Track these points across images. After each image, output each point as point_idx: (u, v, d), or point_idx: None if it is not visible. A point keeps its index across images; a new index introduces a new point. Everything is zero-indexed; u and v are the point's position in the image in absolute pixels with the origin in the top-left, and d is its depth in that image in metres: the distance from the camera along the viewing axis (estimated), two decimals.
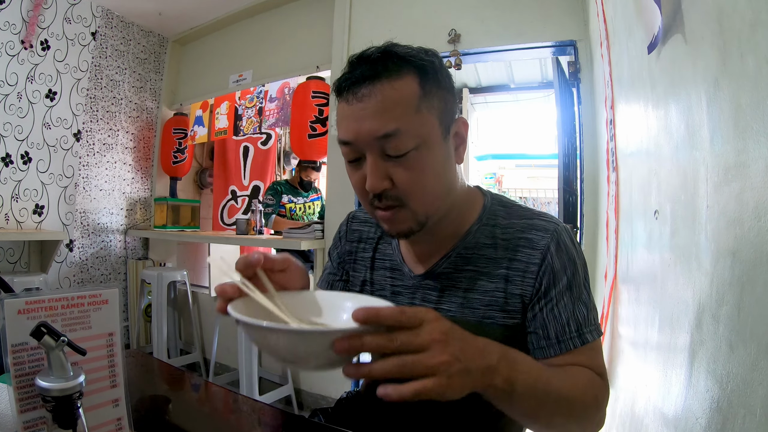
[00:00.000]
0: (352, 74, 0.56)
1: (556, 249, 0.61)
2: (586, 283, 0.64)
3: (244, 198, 3.31)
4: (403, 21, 2.22)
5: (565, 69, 1.95)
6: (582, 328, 0.60)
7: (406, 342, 0.40)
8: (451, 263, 0.66)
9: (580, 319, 0.60)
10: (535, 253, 0.62)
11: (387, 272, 0.74)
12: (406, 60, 0.56)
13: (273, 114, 2.64)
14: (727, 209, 0.50)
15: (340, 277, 0.81)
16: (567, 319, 0.60)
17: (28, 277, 2.34)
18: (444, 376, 0.40)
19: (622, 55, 1.12)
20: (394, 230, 0.61)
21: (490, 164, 6.24)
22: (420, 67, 0.56)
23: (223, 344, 2.52)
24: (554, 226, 0.63)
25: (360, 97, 0.55)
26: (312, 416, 0.85)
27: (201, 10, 2.93)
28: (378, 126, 0.54)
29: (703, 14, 0.56)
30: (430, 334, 0.41)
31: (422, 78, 0.56)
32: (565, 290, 0.61)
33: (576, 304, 0.61)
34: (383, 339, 0.39)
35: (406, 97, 0.55)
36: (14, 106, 2.37)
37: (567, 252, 0.62)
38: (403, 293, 0.71)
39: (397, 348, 0.39)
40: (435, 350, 0.40)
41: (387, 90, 0.54)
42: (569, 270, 0.62)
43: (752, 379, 0.43)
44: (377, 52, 0.57)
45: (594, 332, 0.61)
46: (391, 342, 0.39)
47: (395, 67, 0.55)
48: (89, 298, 0.52)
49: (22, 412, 0.46)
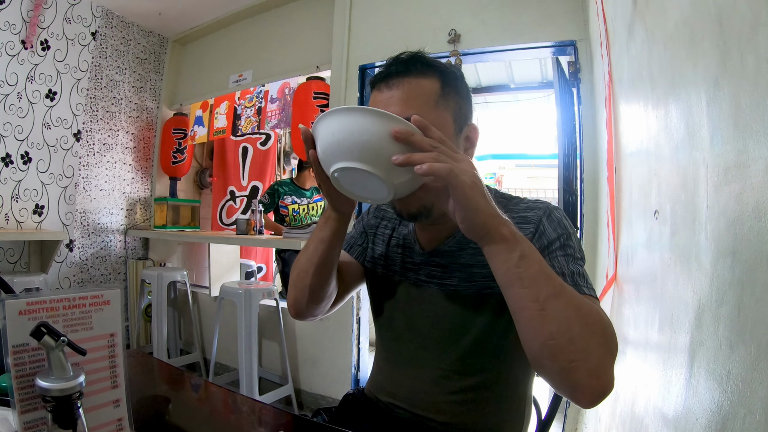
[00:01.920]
0: (388, 69, 0.66)
1: (547, 219, 0.67)
2: (580, 252, 0.65)
3: (243, 198, 3.31)
4: (403, 21, 2.22)
5: (565, 69, 1.95)
6: (578, 279, 0.60)
7: (444, 150, 0.51)
8: (456, 243, 0.73)
9: (575, 272, 0.61)
10: (529, 226, 0.67)
11: (400, 249, 0.81)
12: (432, 65, 0.67)
13: (275, 115, 2.64)
14: (727, 209, 0.50)
15: (360, 244, 0.87)
16: (561, 269, 0.61)
17: (28, 277, 2.34)
18: (469, 177, 0.50)
19: (622, 55, 1.12)
20: (405, 211, 0.68)
21: (490, 164, 6.24)
22: (443, 72, 0.67)
23: (223, 344, 2.52)
24: (546, 204, 0.70)
25: (390, 86, 0.65)
26: (315, 416, 0.85)
27: (201, 10, 2.93)
28: (401, 110, 0.61)
29: (703, 14, 0.56)
30: (465, 156, 0.53)
31: (443, 81, 0.66)
32: (558, 249, 0.63)
33: (569, 262, 0.62)
34: (429, 141, 0.51)
35: (428, 92, 0.65)
36: (14, 106, 2.37)
37: (559, 222, 0.66)
38: (412, 268, 0.77)
39: (437, 147, 0.51)
40: (466, 163, 0.51)
41: (413, 84, 0.64)
42: (563, 236, 0.65)
43: (752, 379, 0.43)
44: (410, 55, 0.67)
45: (591, 290, 0.60)
46: (435, 143, 0.51)
47: (423, 68, 0.65)
48: (91, 298, 0.52)
49: (22, 412, 0.46)
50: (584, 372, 0.48)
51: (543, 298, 0.50)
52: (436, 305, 0.73)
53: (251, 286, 2.31)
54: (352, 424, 0.77)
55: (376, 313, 0.84)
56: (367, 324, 2.36)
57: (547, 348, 0.50)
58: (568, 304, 0.50)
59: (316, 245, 0.71)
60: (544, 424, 0.85)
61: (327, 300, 0.78)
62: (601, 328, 0.51)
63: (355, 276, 0.85)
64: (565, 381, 0.50)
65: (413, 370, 0.75)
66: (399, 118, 0.50)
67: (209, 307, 2.90)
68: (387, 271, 0.81)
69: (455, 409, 0.71)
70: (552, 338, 0.49)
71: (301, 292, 0.75)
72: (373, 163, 0.51)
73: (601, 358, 0.50)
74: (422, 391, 0.74)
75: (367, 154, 0.51)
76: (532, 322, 0.51)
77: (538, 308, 0.50)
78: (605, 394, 0.49)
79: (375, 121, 0.50)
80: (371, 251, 0.85)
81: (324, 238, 0.70)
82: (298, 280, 0.75)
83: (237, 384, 2.22)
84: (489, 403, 0.72)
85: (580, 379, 0.49)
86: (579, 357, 0.49)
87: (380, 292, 0.82)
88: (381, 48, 2.24)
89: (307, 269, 0.72)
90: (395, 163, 0.50)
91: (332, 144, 0.52)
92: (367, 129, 0.50)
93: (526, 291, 0.50)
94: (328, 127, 0.53)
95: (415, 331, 0.76)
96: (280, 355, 2.49)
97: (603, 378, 0.49)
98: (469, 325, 0.69)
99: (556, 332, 0.49)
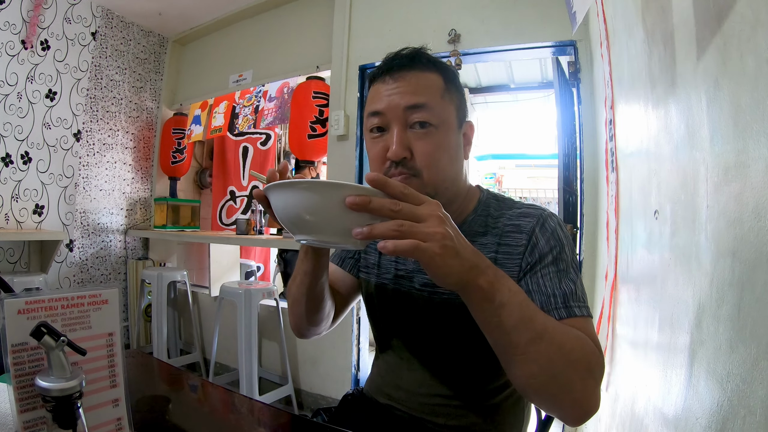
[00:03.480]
0: (391, 62, 0.68)
1: (540, 230, 0.65)
2: (573, 263, 0.64)
3: (243, 198, 3.31)
4: (403, 21, 2.22)
5: (565, 69, 1.95)
6: (569, 300, 0.59)
7: (407, 210, 0.44)
8: None
9: (567, 292, 0.60)
10: (521, 236, 0.66)
11: (393, 257, 0.80)
12: (434, 62, 0.69)
13: (271, 113, 2.64)
14: (727, 209, 0.50)
15: (351, 256, 0.87)
16: (552, 290, 0.60)
17: (28, 277, 2.34)
18: (437, 244, 0.43)
19: (622, 55, 1.12)
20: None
21: (490, 164, 6.24)
22: (444, 69, 0.69)
23: (223, 344, 2.53)
24: (540, 212, 0.68)
25: (397, 77, 0.66)
26: (314, 416, 0.85)
27: (201, 10, 2.93)
28: (409, 99, 0.64)
29: (703, 14, 0.56)
30: (431, 210, 0.45)
31: (445, 77, 0.68)
32: (550, 264, 0.62)
33: (562, 279, 0.61)
34: (389, 202, 0.44)
35: (434, 85, 0.66)
36: (14, 106, 2.37)
37: (553, 232, 0.65)
38: (405, 276, 0.77)
39: (398, 212, 0.43)
40: (433, 222, 0.44)
41: (420, 76, 0.66)
42: (555, 249, 0.63)
43: (752, 379, 0.43)
44: (413, 50, 0.69)
45: (583, 308, 0.59)
46: (395, 206, 0.44)
47: (427, 63, 0.68)
48: (89, 298, 0.52)
49: (22, 412, 0.46)
50: (568, 403, 0.51)
51: (524, 344, 0.49)
52: (430, 313, 0.72)
53: (251, 286, 2.31)
54: (352, 424, 0.77)
55: (372, 319, 0.84)
56: (367, 324, 2.36)
57: (529, 386, 0.51)
58: (550, 344, 0.49)
59: (302, 277, 0.70)
60: (544, 424, 0.85)
61: (326, 320, 0.79)
62: (585, 362, 0.51)
63: (350, 289, 0.86)
64: (549, 410, 0.55)
65: (410, 372, 0.75)
66: (351, 186, 0.44)
67: (209, 307, 2.90)
68: (381, 280, 0.81)
69: (454, 411, 0.71)
70: (533, 377, 0.50)
71: (299, 318, 0.76)
72: (332, 235, 0.47)
73: (584, 389, 0.51)
74: (419, 394, 0.74)
75: (325, 228, 0.47)
76: (512, 365, 0.51)
77: (519, 353, 0.49)
78: (589, 416, 0.51)
79: (326, 194, 0.45)
80: (364, 261, 0.85)
81: (307, 270, 0.68)
82: (294, 307, 0.75)
83: (237, 384, 2.22)
84: (487, 404, 0.72)
85: (563, 409, 0.51)
86: (561, 392, 0.50)
87: (375, 301, 0.82)
88: (381, 48, 2.24)
89: (299, 298, 0.73)
90: (357, 238, 0.45)
91: (288, 218, 0.48)
92: (319, 204, 0.45)
93: (506, 338, 0.49)
94: (278, 201, 0.48)
95: (411, 337, 0.76)
96: (280, 355, 2.49)
97: (586, 406, 0.51)
98: (463, 332, 0.68)
99: (537, 372, 0.49)
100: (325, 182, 0.45)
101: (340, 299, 0.83)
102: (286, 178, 0.54)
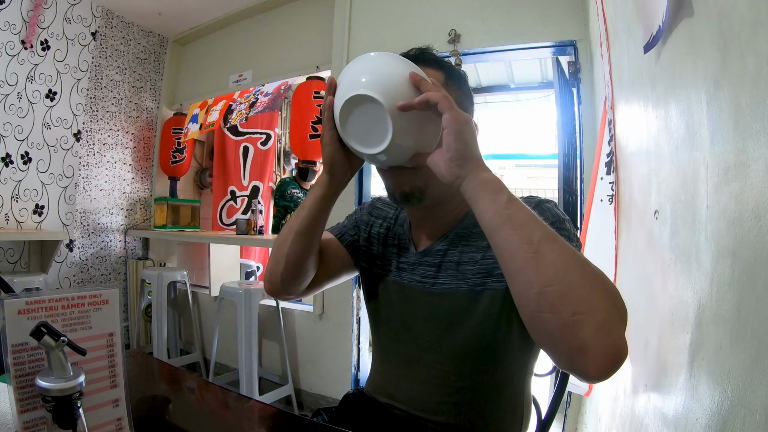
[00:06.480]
0: None
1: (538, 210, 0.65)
2: (575, 239, 0.65)
3: (243, 198, 3.31)
4: (403, 21, 2.22)
5: (565, 69, 1.95)
6: None
7: (448, 97, 0.54)
8: (447, 242, 0.73)
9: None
10: None
11: (395, 249, 0.81)
12: (437, 59, 0.71)
13: (262, 104, 2.63)
14: (727, 209, 0.50)
15: (352, 234, 0.87)
16: None
17: (28, 277, 2.34)
18: (465, 119, 0.53)
19: (622, 55, 1.12)
20: (398, 190, 0.68)
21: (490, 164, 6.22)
22: (447, 67, 0.71)
23: (223, 344, 2.53)
24: (537, 198, 0.71)
25: None
26: (315, 416, 0.85)
27: (201, 10, 2.93)
28: None
29: (703, 14, 0.56)
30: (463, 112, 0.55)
31: (447, 75, 0.70)
32: None
33: None
34: (437, 90, 0.55)
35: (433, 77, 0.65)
36: (14, 106, 2.37)
37: (550, 211, 0.67)
38: (406, 269, 0.77)
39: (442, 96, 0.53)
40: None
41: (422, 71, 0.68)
42: (555, 223, 0.64)
43: (752, 379, 0.43)
44: (417, 49, 0.71)
45: None
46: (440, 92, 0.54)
47: (430, 60, 0.70)
48: (89, 298, 0.52)
49: (22, 412, 0.46)
50: (591, 327, 0.42)
51: (537, 240, 0.45)
52: (431, 305, 0.72)
53: (251, 286, 2.31)
54: (352, 424, 0.77)
55: (373, 314, 0.84)
56: (367, 324, 2.36)
57: (544, 297, 0.44)
58: (564, 248, 0.46)
59: (311, 204, 0.70)
60: (544, 424, 0.85)
61: (302, 277, 0.74)
62: (603, 280, 0.46)
63: (338, 263, 0.83)
64: (569, 341, 0.43)
65: (410, 371, 0.75)
66: (419, 69, 0.57)
67: (209, 307, 2.90)
68: (383, 272, 0.81)
69: (454, 409, 0.71)
70: (550, 284, 0.44)
71: (277, 262, 0.72)
72: (383, 95, 0.55)
73: (609, 312, 0.43)
74: (420, 392, 0.74)
75: (381, 86, 0.55)
76: (526, 267, 0.45)
77: (532, 251, 0.45)
78: (618, 360, 0.42)
79: (398, 62, 0.57)
80: (366, 250, 0.85)
81: (309, 204, 0.69)
82: (276, 249, 0.73)
83: (237, 384, 2.22)
84: (487, 403, 0.72)
85: (587, 338, 0.42)
86: (583, 308, 0.43)
87: (376, 293, 0.82)
88: (381, 48, 2.23)
89: (287, 237, 0.71)
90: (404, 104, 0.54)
91: (354, 77, 0.58)
92: (389, 66, 0.57)
93: (517, 233, 0.46)
94: (356, 65, 0.59)
95: (411, 332, 0.75)
96: (280, 355, 2.49)
97: (613, 335, 0.43)
98: (463, 324, 0.69)
99: (553, 277, 0.44)
100: (401, 57, 0.59)
101: (323, 269, 0.79)
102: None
